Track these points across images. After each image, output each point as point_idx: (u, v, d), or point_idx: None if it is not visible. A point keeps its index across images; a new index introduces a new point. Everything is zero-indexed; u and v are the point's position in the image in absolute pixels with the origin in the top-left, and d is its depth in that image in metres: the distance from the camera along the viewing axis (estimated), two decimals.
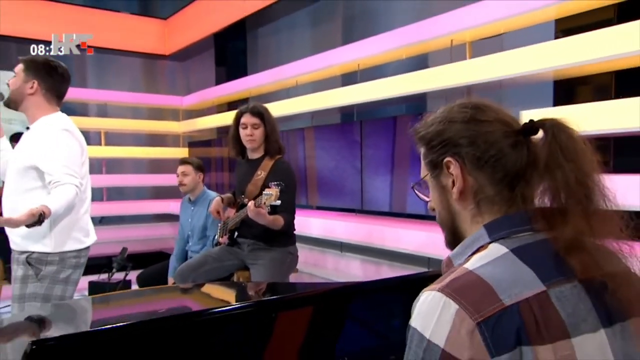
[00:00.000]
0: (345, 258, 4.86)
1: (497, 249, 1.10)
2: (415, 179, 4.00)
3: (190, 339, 1.56)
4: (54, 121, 2.81)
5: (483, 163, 1.14)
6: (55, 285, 2.77)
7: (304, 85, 5.89)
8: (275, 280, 3.47)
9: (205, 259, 3.68)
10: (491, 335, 0.99)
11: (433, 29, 4.12)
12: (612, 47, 3.05)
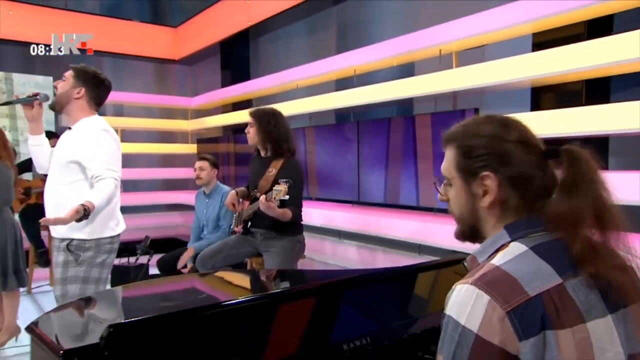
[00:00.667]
0: (343, 245, 4.86)
1: (517, 247, 1.15)
2: (407, 175, 4.01)
3: (248, 320, 1.60)
4: (93, 122, 2.85)
5: (516, 182, 1.19)
6: (92, 268, 2.80)
7: (302, 89, 5.89)
8: (286, 265, 3.50)
9: (223, 246, 3.69)
10: (519, 322, 1.04)
11: (423, 40, 4.13)
12: (582, 60, 3.09)
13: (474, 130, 1.26)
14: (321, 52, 5.97)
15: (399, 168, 4.31)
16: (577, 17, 3.28)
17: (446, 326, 1.11)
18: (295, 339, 1.65)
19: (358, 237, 4.73)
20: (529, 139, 1.22)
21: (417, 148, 4.13)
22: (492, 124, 1.25)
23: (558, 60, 3.22)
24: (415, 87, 4.16)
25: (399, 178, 4.32)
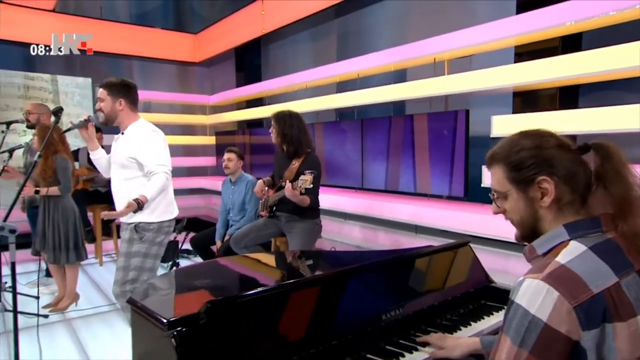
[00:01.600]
0: (348, 225, 4.85)
1: (577, 247, 1.14)
2: (406, 165, 4.10)
3: (315, 294, 1.64)
4: (142, 126, 2.91)
5: (566, 179, 1.18)
6: (153, 246, 2.88)
7: (307, 90, 5.88)
8: (306, 244, 3.49)
9: (252, 228, 3.72)
10: (584, 315, 1.04)
11: (420, 49, 4.11)
12: (556, 71, 3.13)
13: (516, 147, 1.25)
14: (324, 58, 5.97)
15: (398, 159, 4.29)
16: (552, 34, 3.30)
17: (515, 312, 1.10)
18: (352, 310, 1.69)
19: (361, 218, 4.71)
20: (563, 142, 1.23)
21: (415, 142, 4.12)
22: (530, 137, 1.25)
23: (536, 71, 3.24)
24: (413, 90, 4.18)
25: (398, 168, 4.31)
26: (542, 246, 1.20)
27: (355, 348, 1.53)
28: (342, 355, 1.49)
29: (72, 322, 3.88)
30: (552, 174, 1.17)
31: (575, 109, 3.34)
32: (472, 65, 3.95)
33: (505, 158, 1.24)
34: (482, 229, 3.41)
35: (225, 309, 1.37)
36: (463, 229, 3.56)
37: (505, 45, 3.61)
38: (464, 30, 3.75)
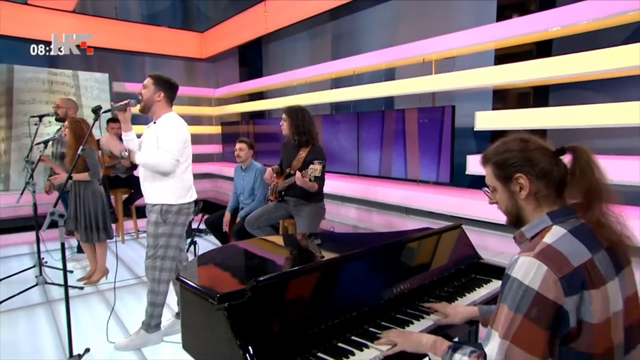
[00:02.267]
0: (345, 207, 4.88)
1: (559, 230, 1.22)
2: (397, 154, 4.18)
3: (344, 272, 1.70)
4: (171, 118, 2.90)
5: (542, 176, 1.27)
6: (176, 227, 2.90)
7: (304, 85, 5.85)
8: (312, 225, 3.54)
9: (264, 211, 3.75)
10: (567, 285, 1.13)
11: (411, 50, 4.15)
12: (530, 74, 3.20)
13: (503, 149, 1.34)
14: (319, 57, 5.96)
15: (391, 148, 4.31)
16: (528, 40, 3.35)
17: (511, 284, 1.18)
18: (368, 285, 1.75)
19: (357, 201, 4.73)
20: (543, 145, 1.30)
21: (406, 134, 4.13)
22: (515, 142, 1.33)
23: (513, 73, 3.30)
24: (405, 88, 4.21)
25: (390, 156, 4.33)
26: (529, 231, 1.29)
27: (372, 317, 1.62)
28: (362, 324, 1.58)
29: (104, 293, 3.94)
30: (527, 172, 1.26)
31: (545, 107, 3.43)
32: (456, 66, 3.97)
33: (492, 158, 1.34)
34: (465, 211, 3.50)
35: (267, 286, 1.44)
36: (448, 211, 3.65)
37: (486, 48, 3.66)
38: (450, 34, 3.79)
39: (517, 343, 1.12)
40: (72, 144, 3.87)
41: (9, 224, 5.65)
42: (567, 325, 1.12)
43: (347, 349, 1.44)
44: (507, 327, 1.14)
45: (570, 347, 1.13)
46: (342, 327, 1.54)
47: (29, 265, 4.58)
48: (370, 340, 1.48)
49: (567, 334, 1.13)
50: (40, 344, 3.06)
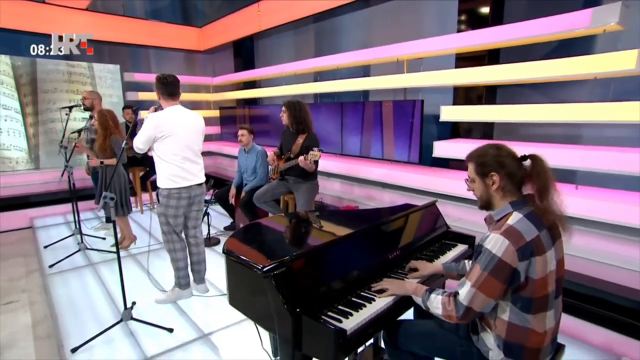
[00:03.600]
0: (330, 181, 4.91)
1: (517, 215, 1.39)
2: (375, 138, 4.42)
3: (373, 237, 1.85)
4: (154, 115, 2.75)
5: (508, 174, 1.44)
6: (168, 208, 2.86)
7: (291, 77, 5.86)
8: (309, 200, 3.61)
9: (268, 188, 3.83)
10: (521, 254, 1.32)
11: (386, 52, 4.17)
12: (483, 76, 3.32)
13: (481, 153, 1.50)
14: (304, 53, 5.97)
15: (370, 133, 4.37)
16: (481, 48, 3.44)
17: (484, 252, 1.36)
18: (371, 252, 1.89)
19: (341, 177, 4.80)
20: (511, 152, 1.47)
21: (383, 122, 4.19)
22: (492, 149, 1.49)
23: (469, 75, 3.42)
24: (382, 83, 4.25)
25: (370, 139, 4.39)
26: (496, 215, 1.48)
27: (374, 278, 1.81)
28: (367, 283, 1.76)
29: (136, 257, 4.05)
30: (499, 172, 1.44)
31: (494, 104, 3.58)
32: (424, 65, 4.02)
33: (476, 159, 1.51)
34: (430, 186, 3.67)
35: (299, 258, 1.61)
36: (417, 186, 3.80)
37: (448, 53, 3.75)
38: (419, 40, 3.85)
39: (481, 290, 1.35)
40: (101, 132, 3.88)
41: (41, 197, 5.62)
42: (519, 280, 1.34)
43: (359, 302, 1.64)
44: (476, 279, 1.37)
45: (519, 294, 1.37)
46: (353, 286, 1.72)
47: (65, 234, 4.65)
48: (376, 295, 1.70)
49: (517, 286, 1.35)
50: (93, 299, 3.19)
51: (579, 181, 3.11)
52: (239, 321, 2.82)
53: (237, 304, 1.84)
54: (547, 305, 1.37)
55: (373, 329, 1.58)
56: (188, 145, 2.86)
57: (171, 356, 2.46)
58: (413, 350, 1.67)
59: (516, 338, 1.38)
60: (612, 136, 3.10)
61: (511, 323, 1.38)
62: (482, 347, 1.48)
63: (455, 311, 1.41)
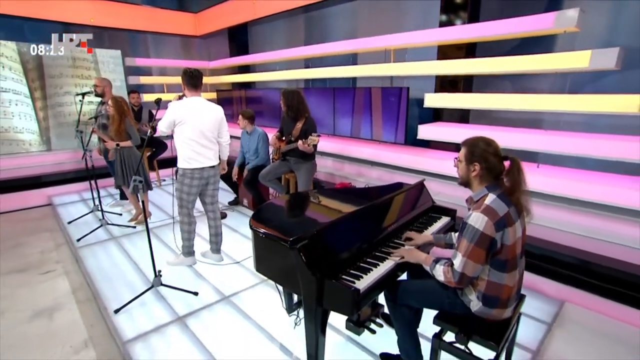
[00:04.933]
0: (324, 159, 5.00)
1: (492, 196, 1.59)
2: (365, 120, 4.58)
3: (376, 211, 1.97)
4: (176, 102, 2.88)
5: (489, 168, 1.60)
6: (183, 185, 2.99)
7: (282, 63, 5.88)
8: (308, 178, 3.72)
9: (271, 168, 3.95)
10: (497, 226, 1.52)
11: (376, 42, 4.22)
12: (461, 68, 3.46)
13: (474, 144, 1.64)
14: (294, 41, 5.97)
15: (360, 116, 4.46)
16: (460, 42, 3.58)
17: (468, 227, 1.56)
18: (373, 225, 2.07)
19: (333, 155, 4.92)
20: (497, 150, 1.61)
21: (372, 106, 4.30)
22: (483, 142, 1.63)
23: (449, 66, 3.55)
24: (371, 71, 4.32)
25: (360, 122, 4.49)
26: (475, 197, 1.69)
27: (377, 246, 2.03)
28: (372, 251, 1.99)
29: (152, 231, 4.14)
30: (481, 164, 1.63)
31: (470, 91, 3.76)
32: (409, 54, 4.15)
33: (469, 146, 1.66)
34: (414, 164, 3.88)
35: (320, 232, 1.80)
36: (402, 164, 3.99)
37: (431, 44, 3.88)
38: (405, 33, 3.94)
39: (470, 258, 1.58)
40: (117, 117, 3.92)
41: (56, 177, 5.64)
42: (496, 247, 1.57)
43: (367, 267, 1.87)
44: (465, 250, 1.59)
45: (496, 257, 1.60)
46: (361, 254, 1.95)
47: (83, 210, 4.74)
48: (383, 259, 1.93)
49: (495, 251, 1.58)
50: (121, 268, 3.33)
51: (540, 160, 3.39)
52: (252, 285, 3.04)
53: (263, 271, 2.04)
54: (516, 265, 1.62)
55: (379, 288, 1.83)
56: (203, 132, 2.93)
57: (200, 314, 2.68)
58: (409, 303, 1.93)
59: (493, 292, 1.65)
60: (568, 121, 3.36)
61: (490, 281, 1.63)
62: (465, 299, 1.75)
63: (452, 277, 1.64)
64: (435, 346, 1.84)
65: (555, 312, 2.69)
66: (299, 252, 1.72)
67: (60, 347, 2.41)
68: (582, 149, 2.82)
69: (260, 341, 2.38)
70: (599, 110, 2.71)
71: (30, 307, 2.85)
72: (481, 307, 1.69)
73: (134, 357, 2.25)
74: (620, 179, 2.87)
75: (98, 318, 2.73)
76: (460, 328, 1.75)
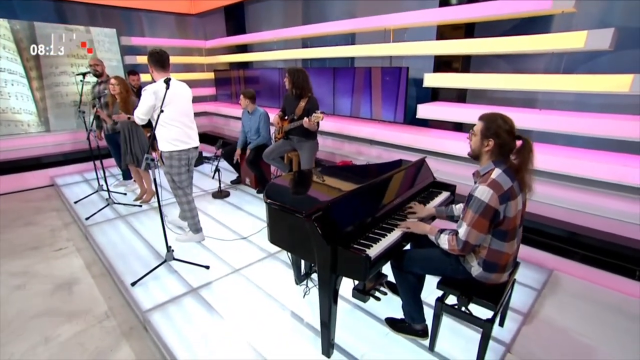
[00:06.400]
0: (323, 138, 5.03)
1: (498, 171, 1.65)
2: (364, 99, 4.62)
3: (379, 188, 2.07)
4: (152, 85, 2.80)
5: (501, 145, 1.65)
6: (171, 168, 3.02)
7: (279, 43, 5.83)
8: (311, 156, 3.80)
9: (275, 147, 4.02)
10: (501, 199, 1.60)
11: (376, 22, 4.25)
12: (459, 48, 3.53)
13: (491, 120, 1.68)
14: (291, 21, 5.92)
15: (360, 95, 4.48)
16: (459, 22, 3.64)
17: (474, 200, 1.64)
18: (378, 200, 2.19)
19: (334, 135, 4.98)
20: (512, 128, 1.65)
21: (372, 85, 4.33)
22: (501, 119, 1.66)
23: (449, 46, 3.62)
24: (370, 51, 4.35)
25: (359, 101, 4.51)
26: (482, 171, 1.77)
27: (383, 218, 2.16)
28: (379, 223, 2.11)
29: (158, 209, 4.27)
30: (495, 140, 1.67)
31: (468, 71, 3.84)
32: (408, 34, 4.17)
33: (486, 121, 1.70)
34: (413, 143, 3.98)
35: (332, 204, 1.92)
36: (401, 142, 4.09)
37: (431, 24, 3.92)
38: (404, 12, 3.97)
39: (474, 227, 1.69)
40: (124, 95, 3.95)
41: (56, 158, 5.65)
42: (499, 218, 1.67)
43: (375, 237, 2.00)
44: (470, 220, 1.70)
45: (498, 227, 1.71)
46: (370, 224, 2.08)
47: (87, 190, 4.80)
48: (390, 230, 2.06)
49: (498, 222, 1.69)
50: (131, 244, 3.42)
51: (534, 138, 3.50)
52: (260, 259, 3.17)
53: (277, 241, 2.14)
54: (515, 235, 1.76)
55: (386, 256, 1.96)
56: (184, 112, 2.94)
57: (212, 286, 2.80)
58: (414, 270, 2.08)
59: (493, 258, 1.78)
60: (561, 100, 3.49)
61: (491, 249, 1.76)
62: (467, 265, 1.90)
63: (456, 245, 1.75)
64: (438, 309, 2.01)
65: (545, 279, 2.88)
66: (315, 222, 1.82)
67: (83, 317, 2.54)
68: (575, 127, 2.95)
69: (272, 309, 2.53)
70: (593, 89, 2.83)
71: (49, 281, 2.96)
72: (481, 272, 1.85)
73: (154, 325, 2.38)
74: (607, 156, 3.02)
75: (115, 291, 2.85)
76: (462, 291, 1.91)
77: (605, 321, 2.41)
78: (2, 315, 2.57)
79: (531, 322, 2.39)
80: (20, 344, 2.30)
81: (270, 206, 2.08)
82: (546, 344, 2.20)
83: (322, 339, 2.08)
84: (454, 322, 2.35)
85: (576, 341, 2.23)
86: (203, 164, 6.11)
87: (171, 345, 2.19)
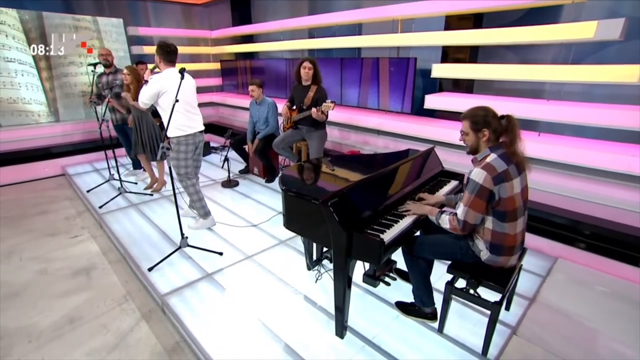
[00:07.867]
0: (330, 128, 4.92)
1: (493, 155, 1.75)
2: (372, 90, 4.69)
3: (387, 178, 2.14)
4: (158, 75, 2.92)
5: (493, 131, 1.76)
6: (178, 154, 3.08)
7: (285, 33, 5.81)
8: (320, 146, 3.85)
9: (285, 136, 4.07)
10: (495, 180, 1.69)
11: (384, 12, 4.24)
12: (467, 39, 3.54)
13: (474, 114, 1.80)
14: (298, 11, 5.89)
15: (367, 86, 4.48)
16: (467, 12, 3.64)
17: (471, 182, 1.74)
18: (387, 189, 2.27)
19: (340, 125, 4.99)
20: (494, 113, 1.78)
21: (379, 76, 4.34)
22: (482, 110, 1.79)
23: (456, 37, 3.62)
24: (378, 41, 4.34)
25: (367, 91, 4.51)
26: (479, 157, 1.85)
27: (394, 206, 2.23)
28: (390, 210, 2.19)
29: (169, 198, 4.32)
30: (488, 128, 1.79)
31: (475, 62, 3.86)
32: (416, 24, 4.17)
33: (470, 118, 1.82)
34: (420, 133, 4.01)
35: (348, 191, 1.99)
36: (409, 133, 4.12)
37: (439, 15, 3.92)
38: (412, 3, 3.97)
39: (471, 207, 1.78)
40: (136, 84, 4.01)
41: (66, 148, 5.72)
42: (494, 199, 1.75)
43: (388, 223, 2.08)
44: (466, 200, 1.79)
45: (495, 208, 1.79)
46: (382, 212, 2.15)
47: (98, 180, 4.88)
48: (402, 216, 2.14)
49: (494, 203, 1.77)
50: (145, 232, 3.51)
51: (541, 129, 3.58)
52: (272, 246, 3.26)
53: (293, 227, 2.21)
54: (516, 216, 1.82)
55: (398, 242, 2.04)
56: (187, 100, 3.03)
57: (226, 272, 2.89)
58: (424, 255, 2.16)
59: (497, 239, 1.86)
60: (569, 91, 3.52)
61: (494, 230, 1.84)
62: (476, 249, 1.98)
63: (457, 224, 1.86)
64: (448, 292, 2.09)
65: (550, 266, 2.96)
66: (331, 208, 1.90)
67: (103, 300, 2.64)
68: (582, 117, 3.00)
69: (285, 293, 2.62)
70: (601, 80, 2.87)
71: (68, 266, 3.06)
72: (489, 255, 1.92)
73: (172, 307, 2.48)
74: (614, 146, 3.06)
75: (131, 276, 2.95)
76: (471, 275, 1.99)
77: (607, 306, 2.49)
78: (28, 297, 2.67)
79: (536, 306, 2.48)
80: (46, 323, 2.41)
81: (286, 193, 2.15)
82: (550, 327, 2.28)
83: (336, 321, 2.17)
84: (462, 307, 2.43)
85: (579, 324, 2.32)
86: (210, 154, 6.18)
87: (190, 327, 2.29)
